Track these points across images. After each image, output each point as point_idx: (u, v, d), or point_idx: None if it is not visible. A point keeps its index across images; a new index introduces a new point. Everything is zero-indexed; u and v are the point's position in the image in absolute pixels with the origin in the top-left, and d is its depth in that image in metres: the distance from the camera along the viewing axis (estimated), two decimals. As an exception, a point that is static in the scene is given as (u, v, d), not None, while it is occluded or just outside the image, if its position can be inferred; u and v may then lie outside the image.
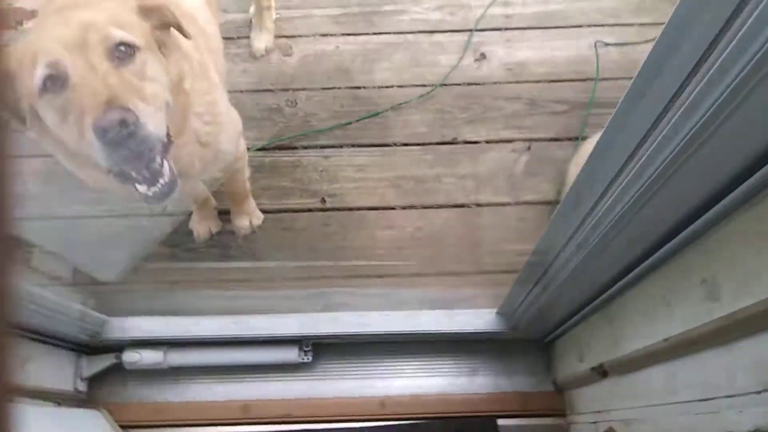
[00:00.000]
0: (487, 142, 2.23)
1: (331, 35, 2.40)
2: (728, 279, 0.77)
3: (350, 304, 1.88)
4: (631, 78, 0.69)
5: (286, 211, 2.12)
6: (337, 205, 2.12)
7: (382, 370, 1.80)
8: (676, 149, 0.69)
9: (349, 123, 2.23)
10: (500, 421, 1.71)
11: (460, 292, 1.94)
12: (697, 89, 0.61)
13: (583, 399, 1.55)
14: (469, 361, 1.80)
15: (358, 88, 2.31)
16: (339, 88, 2.31)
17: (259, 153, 2.18)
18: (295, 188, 2.15)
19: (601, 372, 1.32)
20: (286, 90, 2.30)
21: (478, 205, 2.12)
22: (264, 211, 2.10)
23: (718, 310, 0.79)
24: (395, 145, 2.21)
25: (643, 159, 0.75)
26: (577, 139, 2.21)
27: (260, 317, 1.76)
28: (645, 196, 0.80)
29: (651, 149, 0.73)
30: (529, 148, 2.22)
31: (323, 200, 2.13)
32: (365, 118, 2.23)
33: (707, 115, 0.62)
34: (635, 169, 0.78)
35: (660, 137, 0.70)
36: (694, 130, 0.65)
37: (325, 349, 1.82)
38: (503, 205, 2.12)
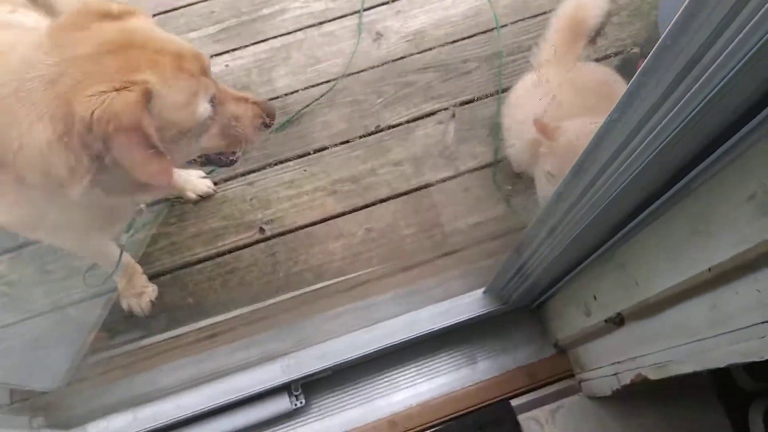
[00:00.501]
0: (411, 121, 2.12)
1: (216, 55, 2.21)
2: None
3: (327, 330, 1.74)
4: (528, 18, 0.58)
5: (225, 253, 1.94)
6: (279, 230, 1.96)
7: (380, 389, 1.68)
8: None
9: (266, 139, 2.05)
10: (513, 402, 1.63)
11: (432, 281, 1.83)
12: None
13: (595, 353, 1.48)
14: (466, 350, 1.70)
15: (285, 95, 2.14)
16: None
17: (180, 200, 1.97)
18: (227, 226, 1.96)
19: (618, 321, 1.25)
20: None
21: (422, 187, 2.02)
22: (200, 260, 1.91)
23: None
24: (320, 150, 2.07)
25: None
26: (497, 93, 2.14)
27: (238, 375, 1.60)
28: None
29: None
30: (453, 116, 2.13)
31: (262, 230, 1.96)
32: (278, 130, 2.06)
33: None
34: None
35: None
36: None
37: (315, 387, 1.68)
38: (445, 180, 2.02)
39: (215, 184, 2.00)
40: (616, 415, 1.57)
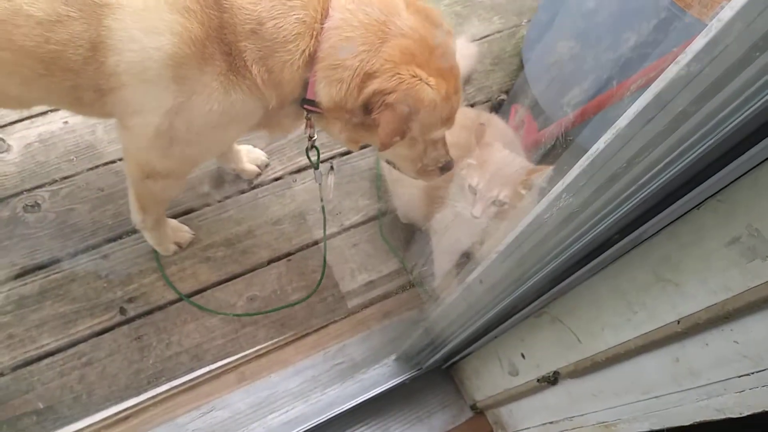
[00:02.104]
0: (287, 175, 1.95)
1: (52, 111, 1.90)
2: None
3: (215, 424, 1.49)
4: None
5: (79, 341, 1.62)
6: (143, 309, 1.69)
7: (286, 484, 1.46)
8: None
9: (122, 203, 1.77)
10: (435, 474, 1.49)
11: (332, 349, 1.67)
12: None
13: (521, 414, 1.41)
14: (378, 424, 1.55)
15: (113, 162, 1.86)
16: (89, 169, 1.83)
17: (17, 282, 1.62)
18: (80, 309, 1.65)
19: (553, 380, 1.17)
20: (18, 194, 1.76)
21: (306, 246, 1.85)
22: (48, 353, 1.58)
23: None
24: (186, 213, 1.83)
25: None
26: (375, 143, 2.05)
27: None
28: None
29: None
30: (332, 168, 2.00)
31: (122, 310, 1.67)
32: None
33: None
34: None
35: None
36: None
37: (208, 493, 1.41)
38: (331, 237, 1.87)
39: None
40: (540, 474, 1.49)
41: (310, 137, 1.33)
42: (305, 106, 1.19)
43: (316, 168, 1.42)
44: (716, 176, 0.66)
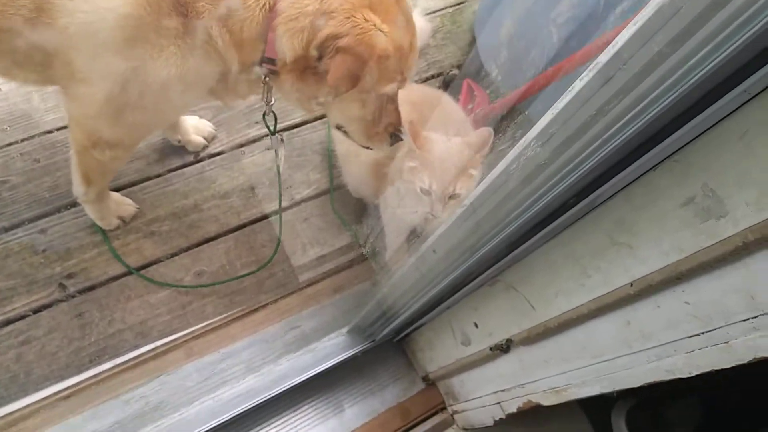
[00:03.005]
0: (235, 148, 1.90)
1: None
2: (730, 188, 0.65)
3: (161, 400, 1.45)
4: None
5: (15, 319, 1.54)
6: (84, 285, 1.61)
7: (236, 460, 1.43)
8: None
9: (59, 176, 1.68)
10: (388, 447, 1.49)
11: (282, 324, 1.64)
12: None
13: (473, 383, 1.42)
14: (330, 398, 1.53)
15: (50, 132, 1.77)
16: (24, 140, 1.73)
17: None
18: (16, 286, 1.57)
19: (505, 348, 1.18)
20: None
21: (256, 220, 1.81)
22: (-18, 333, 1.49)
23: (722, 230, 0.67)
24: (129, 186, 1.75)
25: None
26: (325, 116, 2.01)
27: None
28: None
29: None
30: (282, 141, 1.95)
31: (62, 286, 1.59)
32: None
33: None
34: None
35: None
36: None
37: (156, 471, 1.37)
38: (281, 211, 1.83)
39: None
40: (491, 443, 1.51)
41: (267, 102, 1.28)
42: (266, 65, 1.14)
43: (273, 134, 1.38)
44: (674, 136, 0.66)
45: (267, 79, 1.19)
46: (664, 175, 0.73)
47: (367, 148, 1.37)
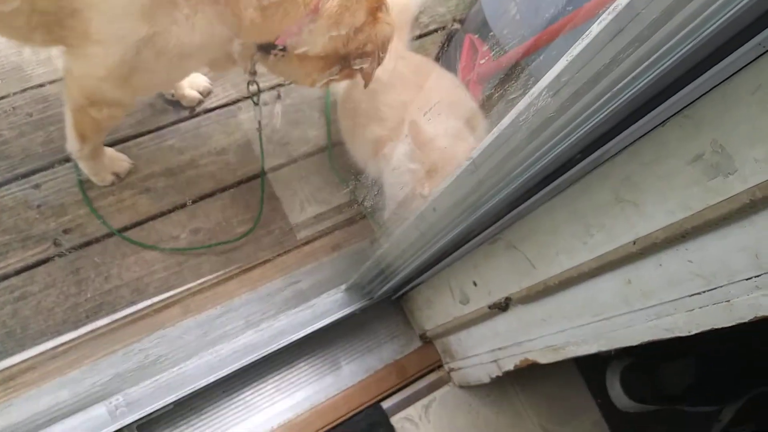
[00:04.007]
0: (231, 103, 1.86)
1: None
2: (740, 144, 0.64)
3: (160, 355, 1.45)
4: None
5: (11, 275, 1.53)
6: (79, 242, 1.60)
7: (234, 415, 1.45)
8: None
9: (53, 129, 1.65)
10: (384, 404, 1.51)
11: (279, 282, 1.64)
12: None
13: (470, 341, 1.42)
14: (327, 355, 1.54)
15: (42, 85, 1.73)
16: (15, 93, 1.70)
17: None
18: (10, 242, 1.55)
19: (503, 306, 1.18)
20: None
21: (252, 177, 1.78)
22: (-22, 288, 1.49)
23: (730, 187, 0.66)
24: (123, 141, 1.72)
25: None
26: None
27: (54, 428, 1.25)
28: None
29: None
30: (279, 96, 1.92)
31: (57, 242, 1.58)
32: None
33: None
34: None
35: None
36: None
37: (155, 425, 1.39)
38: (278, 168, 1.82)
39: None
40: (486, 401, 1.54)
41: (253, 73, 1.33)
42: (274, 52, 1.20)
43: (257, 104, 1.43)
44: (685, 90, 0.64)
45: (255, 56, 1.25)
46: (674, 130, 0.71)
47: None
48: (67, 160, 1.62)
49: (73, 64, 1.21)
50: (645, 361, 1.59)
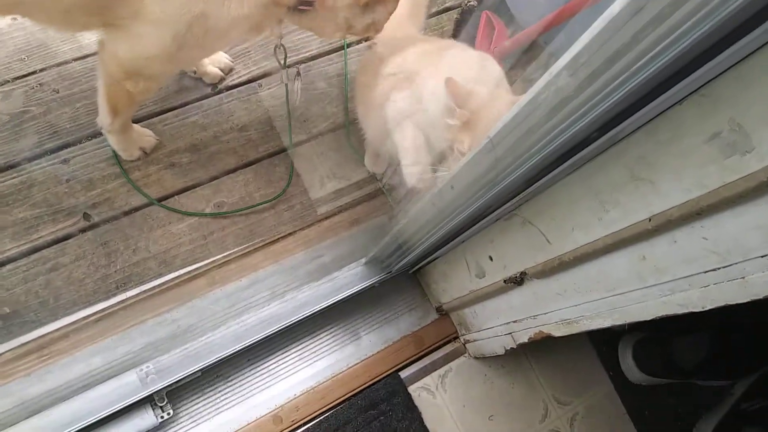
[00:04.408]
0: (252, 80, 1.89)
1: None
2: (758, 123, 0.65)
3: (187, 325, 1.51)
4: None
5: (42, 247, 1.59)
6: (108, 215, 1.65)
7: (258, 382, 1.50)
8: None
9: (79, 106, 1.69)
10: (402, 373, 1.55)
11: (301, 255, 1.69)
12: None
13: (486, 314, 1.45)
14: (348, 326, 1.58)
15: (67, 62, 1.77)
16: (42, 70, 1.74)
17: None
18: (42, 215, 1.60)
19: (519, 281, 1.21)
20: (-34, 93, 1.66)
21: (274, 153, 1.82)
22: (11, 259, 1.55)
23: (747, 166, 0.68)
24: (147, 118, 1.76)
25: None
26: (343, 47, 1.99)
27: (84, 394, 1.32)
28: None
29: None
30: (298, 74, 1.93)
31: (86, 215, 1.63)
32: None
33: None
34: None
35: None
36: None
37: (182, 392, 1.45)
38: (299, 144, 1.85)
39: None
40: (501, 372, 1.57)
41: (279, 36, 1.35)
42: (301, 7, 1.23)
43: (284, 67, 1.40)
44: (703, 68, 0.66)
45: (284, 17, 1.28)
46: (691, 109, 0.73)
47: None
48: (95, 136, 1.67)
49: (119, 45, 1.23)
50: (658, 335, 1.61)
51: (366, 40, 1.87)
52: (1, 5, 1.22)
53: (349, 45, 2.00)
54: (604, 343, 1.67)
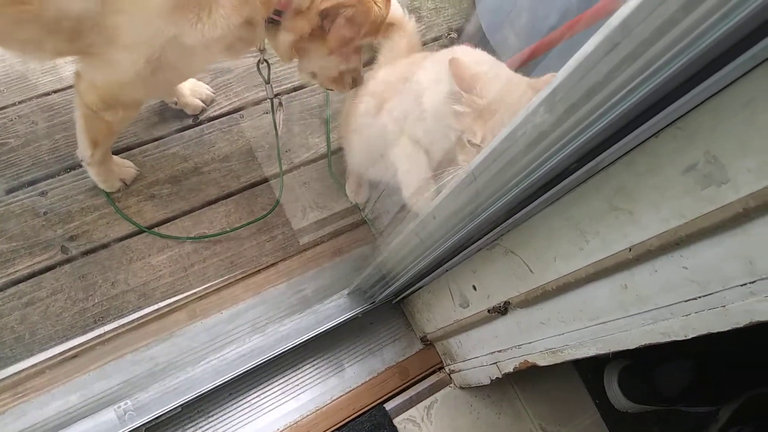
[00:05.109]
0: (234, 111, 1.89)
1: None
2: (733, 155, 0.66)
3: (166, 359, 1.48)
4: None
5: (19, 281, 1.56)
6: (86, 248, 1.63)
7: (241, 417, 1.48)
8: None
9: (57, 138, 1.68)
10: (387, 405, 1.53)
11: (282, 287, 1.67)
12: None
13: (470, 344, 1.45)
14: (331, 358, 1.57)
15: (47, 94, 1.76)
16: (21, 102, 1.73)
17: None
18: (18, 248, 1.58)
19: (503, 310, 1.21)
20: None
21: (255, 184, 1.81)
22: (-15, 294, 1.51)
23: (723, 197, 0.69)
24: (127, 149, 1.75)
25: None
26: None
27: (62, 433, 1.27)
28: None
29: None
30: (281, 105, 1.94)
31: (64, 248, 1.61)
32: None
33: None
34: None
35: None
36: None
37: (162, 428, 1.42)
38: (280, 175, 1.84)
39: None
40: (487, 402, 1.56)
41: (262, 49, 1.36)
42: (273, 17, 1.24)
43: (268, 83, 1.45)
44: (677, 102, 0.67)
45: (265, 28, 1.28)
46: (667, 142, 0.74)
47: (329, 90, 1.54)
48: (73, 168, 1.65)
49: (96, 74, 1.24)
50: (642, 362, 1.61)
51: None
52: None
53: (330, 75, 2.00)
54: (589, 371, 1.66)
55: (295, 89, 1.96)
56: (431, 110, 1.23)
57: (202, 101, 1.82)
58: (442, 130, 1.19)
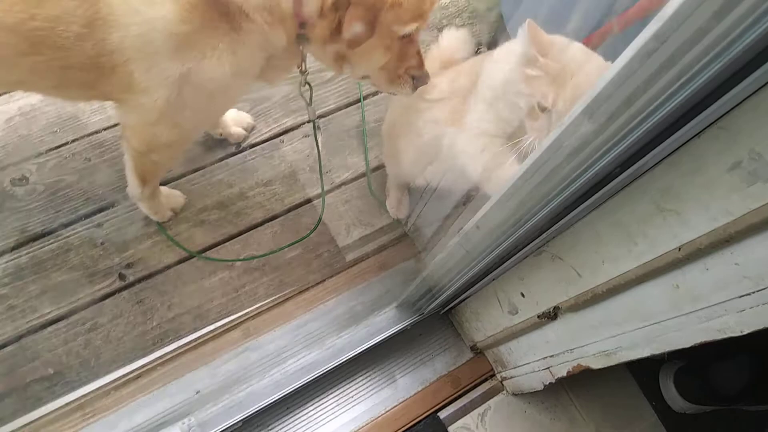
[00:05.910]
0: (274, 137, 1.95)
1: (30, 79, 1.85)
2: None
3: (225, 376, 1.53)
4: None
5: (81, 308, 1.63)
6: (142, 274, 1.69)
7: (299, 430, 1.51)
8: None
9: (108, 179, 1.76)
10: (441, 414, 1.55)
11: (332, 302, 1.71)
12: None
13: (521, 350, 1.46)
14: (383, 369, 1.60)
15: (97, 132, 1.84)
16: (74, 140, 1.81)
17: (12, 255, 1.62)
18: (79, 278, 1.65)
19: (553, 315, 1.22)
20: (4, 168, 1.74)
21: (299, 205, 1.86)
22: (51, 321, 1.59)
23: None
24: (176, 179, 1.82)
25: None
26: (359, 100, 2.05)
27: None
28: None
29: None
30: (318, 128, 2.00)
31: (121, 275, 1.68)
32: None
33: None
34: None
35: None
36: None
37: (224, 444, 1.45)
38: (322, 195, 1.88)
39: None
40: (541, 408, 1.56)
41: (303, 71, 1.33)
42: (298, 32, 1.17)
43: (310, 104, 1.43)
44: (719, 102, 0.68)
45: (302, 47, 1.23)
46: (710, 141, 0.75)
47: (392, 93, 1.39)
48: (126, 199, 1.72)
49: (127, 117, 1.28)
50: (698, 362, 1.60)
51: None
52: (4, 82, 1.29)
53: (365, 97, 2.05)
54: (644, 374, 1.65)
55: (331, 112, 2.01)
56: (501, 82, 1.21)
57: (244, 129, 1.88)
58: (512, 97, 1.16)
